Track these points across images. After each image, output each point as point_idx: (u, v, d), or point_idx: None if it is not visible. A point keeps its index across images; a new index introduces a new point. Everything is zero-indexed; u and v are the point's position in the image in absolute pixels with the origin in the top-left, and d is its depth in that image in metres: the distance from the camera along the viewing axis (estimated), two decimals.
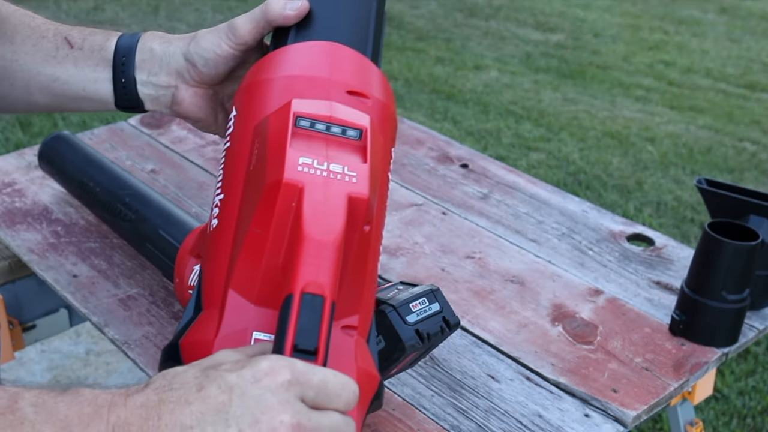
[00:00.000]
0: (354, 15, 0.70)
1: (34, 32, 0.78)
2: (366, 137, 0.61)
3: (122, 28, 4.47)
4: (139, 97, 0.76)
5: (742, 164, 3.46)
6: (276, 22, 0.69)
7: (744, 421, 2.06)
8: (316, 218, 0.56)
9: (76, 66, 0.76)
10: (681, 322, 1.05)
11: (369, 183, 0.59)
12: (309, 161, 0.58)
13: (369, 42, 0.70)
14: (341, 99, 0.63)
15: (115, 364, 2.09)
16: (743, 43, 5.06)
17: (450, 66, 4.38)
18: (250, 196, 0.61)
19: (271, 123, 0.61)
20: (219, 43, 0.72)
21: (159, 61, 0.74)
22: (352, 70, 0.66)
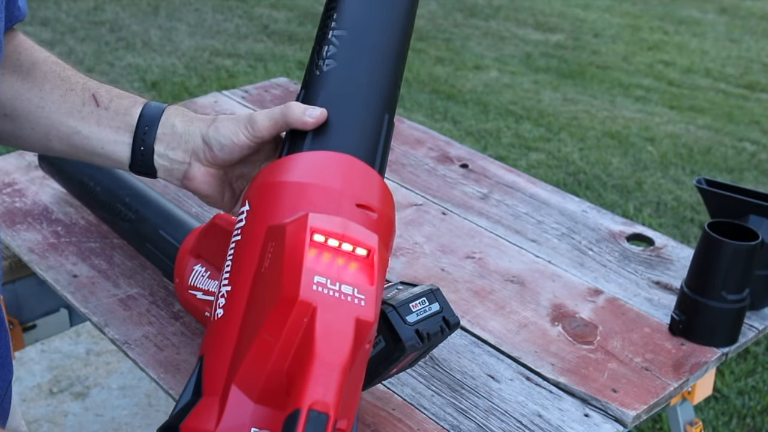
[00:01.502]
0: (368, 128, 0.74)
1: (64, 83, 0.80)
2: (373, 257, 0.66)
3: (122, 29, 4.48)
4: (154, 166, 0.79)
5: (741, 164, 3.46)
6: (295, 125, 0.72)
7: (744, 420, 2.06)
8: (327, 339, 0.60)
9: (99, 125, 0.79)
10: (681, 322, 1.05)
11: (375, 307, 0.63)
12: (323, 281, 0.62)
13: (378, 155, 0.74)
14: (351, 211, 0.68)
15: (115, 363, 2.09)
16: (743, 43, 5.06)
17: (450, 66, 4.38)
18: (261, 299, 0.65)
19: (288, 233, 0.65)
20: (237, 133, 0.75)
21: (179, 138, 0.77)
22: (362, 184, 0.70)
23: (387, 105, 0.76)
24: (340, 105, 0.74)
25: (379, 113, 0.75)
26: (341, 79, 0.75)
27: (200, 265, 0.95)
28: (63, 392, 2.00)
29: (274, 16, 4.89)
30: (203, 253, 0.95)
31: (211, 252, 0.93)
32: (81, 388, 2.02)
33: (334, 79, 0.75)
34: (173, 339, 1.01)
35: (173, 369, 0.96)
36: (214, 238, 0.91)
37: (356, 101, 0.75)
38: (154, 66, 3.91)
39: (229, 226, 0.88)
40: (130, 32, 4.40)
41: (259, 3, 5.10)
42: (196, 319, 0.98)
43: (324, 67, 0.75)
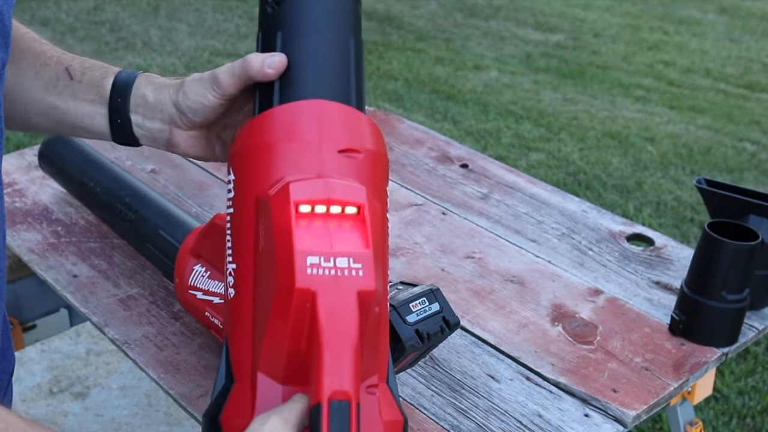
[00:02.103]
0: (333, 63, 0.70)
1: (39, 58, 0.79)
2: (363, 213, 0.63)
3: (122, 29, 4.48)
4: (135, 136, 0.78)
5: (741, 164, 3.46)
6: (256, 78, 0.71)
7: (744, 421, 2.06)
8: (332, 324, 0.59)
9: (74, 99, 0.78)
10: (681, 322, 1.05)
11: (374, 273, 0.61)
12: (316, 260, 0.60)
13: (352, 90, 0.71)
14: (333, 162, 0.65)
15: (115, 363, 2.09)
16: (743, 43, 5.06)
17: (450, 66, 4.38)
18: (263, 280, 0.64)
19: (272, 208, 0.63)
20: (205, 95, 0.74)
21: (152, 108, 0.76)
22: (340, 127, 0.68)
23: (350, 28, 0.72)
24: (300, 43, 0.70)
25: (342, 42, 0.71)
26: (295, 14, 0.70)
27: (200, 265, 0.95)
28: (63, 392, 2.00)
29: None
30: (203, 253, 0.95)
31: (211, 252, 0.93)
32: (81, 388, 2.02)
33: (288, 16, 0.71)
34: (173, 339, 1.01)
35: (173, 369, 0.96)
36: (214, 238, 0.91)
37: (315, 35, 0.70)
38: (154, 66, 3.90)
39: None
40: (130, 32, 4.40)
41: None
42: (196, 319, 0.98)
43: (275, 4, 0.71)
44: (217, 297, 0.91)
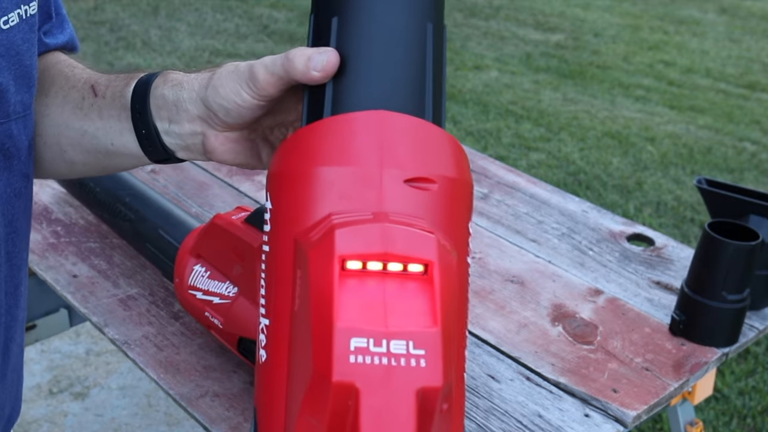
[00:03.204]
0: (404, 61, 0.54)
1: (68, 82, 0.70)
2: (433, 272, 0.48)
3: (122, 29, 4.48)
4: (167, 148, 0.66)
5: (742, 164, 3.46)
6: (301, 81, 0.57)
7: (744, 421, 2.06)
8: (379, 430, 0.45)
9: (101, 118, 0.67)
10: (681, 322, 1.05)
11: (442, 362, 0.46)
12: (363, 344, 0.46)
13: (428, 97, 0.55)
14: (398, 195, 0.51)
15: (115, 364, 2.09)
16: (743, 43, 5.06)
17: (450, 66, 4.38)
18: (300, 346, 0.50)
19: (311, 261, 0.49)
20: (239, 93, 0.60)
21: (174, 108, 0.64)
22: (408, 147, 0.52)
23: (428, 10, 0.55)
24: (360, 34, 0.54)
25: (417, 30, 0.54)
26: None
27: (200, 265, 0.94)
28: (63, 392, 2.00)
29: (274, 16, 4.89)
30: (203, 253, 0.95)
31: (211, 252, 0.93)
32: (81, 388, 2.02)
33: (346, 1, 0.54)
34: (173, 339, 1.01)
35: (173, 369, 0.96)
36: (214, 238, 0.91)
37: (381, 22, 0.54)
38: (154, 66, 3.90)
39: (229, 226, 0.87)
40: (130, 32, 4.39)
41: (259, 3, 5.10)
42: (196, 319, 0.98)
43: None
44: (217, 297, 0.91)
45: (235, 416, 0.90)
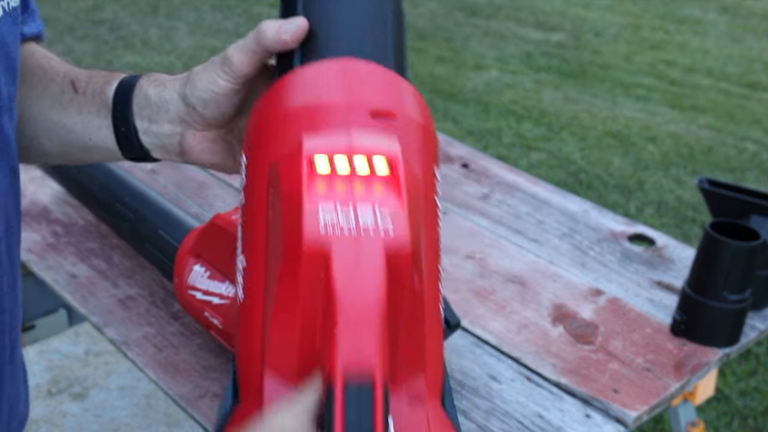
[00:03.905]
0: (366, 19, 0.58)
1: (46, 75, 0.71)
2: (397, 167, 0.50)
3: (122, 29, 4.48)
4: (144, 147, 0.68)
5: (743, 164, 3.46)
6: (273, 48, 0.59)
7: (745, 421, 2.06)
8: (350, 288, 0.46)
9: (80, 113, 0.69)
10: (682, 323, 1.05)
11: (409, 231, 0.48)
12: (332, 217, 0.47)
13: (389, 48, 0.57)
14: (363, 124, 0.52)
15: (115, 364, 2.08)
16: (745, 42, 5.06)
17: (450, 65, 4.38)
18: (273, 266, 0.51)
19: (282, 170, 0.50)
20: (216, 80, 0.62)
21: (156, 108, 0.65)
22: (373, 86, 0.54)
23: None
24: (324, 4, 0.58)
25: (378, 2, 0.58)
26: None
27: (200, 265, 0.94)
28: (62, 393, 2.00)
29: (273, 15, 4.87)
30: (203, 253, 0.94)
31: (211, 252, 0.93)
32: (80, 388, 2.01)
33: None
34: (172, 339, 1.01)
35: (172, 369, 0.96)
36: (214, 238, 0.91)
37: None
38: (153, 65, 3.90)
39: (229, 226, 0.87)
40: (130, 31, 4.39)
41: (259, 2, 5.10)
42: (196, 319, 0.97)
43: None
44: (216, 297, 0.91)
45: None
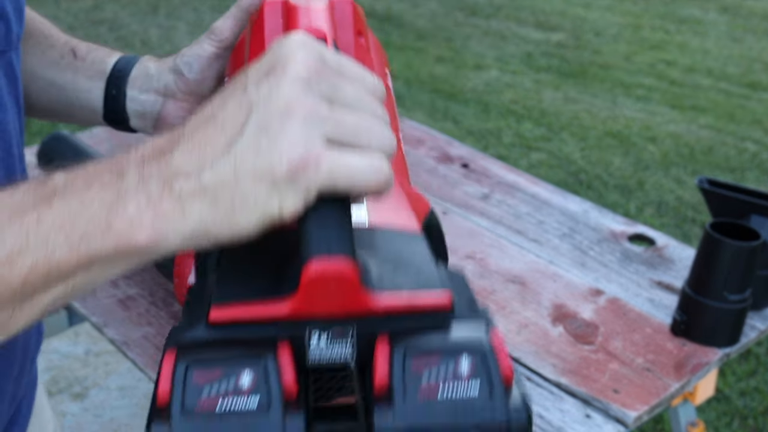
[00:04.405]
0: None
1: (47, 40, 0.79)
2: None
3: (122, 28, 4.48)
4: (126, 111, 0.76)
5: (743, 164, 3.46)
6: (251, 8, 0.68)
7: (745, 421, 2.06)
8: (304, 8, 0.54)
9: (75, 75, 0.78)
10: (682, 323, 1.05)
11: None
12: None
13: None
14: None
15: (114, 364, 2.08)
16: (745, 42, 5.06)
17: (450, 65, 4.38)
18: None
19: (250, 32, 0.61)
20: (201, 46, 0.72)
21: (150, 78, 0.75)
22: None
23: None
24: None
25: None
26: None
27: None
28: (62, 393, 2.00)
29: None
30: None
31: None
32: (80, 388, 2.01)
33: None
34: None
35: None
36: None
37: None
38: None
39: None
40: (130, 31, 4.39)
41: None
42: None
43: None
44: None
45: None
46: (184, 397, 0.40)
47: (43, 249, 0.42)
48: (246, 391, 0.40)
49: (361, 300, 0.43)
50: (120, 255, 0.43)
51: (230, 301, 0.44)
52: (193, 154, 0.42)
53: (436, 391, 0.41)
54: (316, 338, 0.43)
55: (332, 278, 0.42)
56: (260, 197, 0.41)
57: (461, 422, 0.41)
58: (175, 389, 0.40)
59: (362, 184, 0.42)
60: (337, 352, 0.44)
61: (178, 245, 0.43)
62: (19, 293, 0.42)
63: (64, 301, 0.45)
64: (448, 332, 0.43)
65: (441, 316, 0.44)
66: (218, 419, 0.40)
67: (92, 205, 0.42)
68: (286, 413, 0.41)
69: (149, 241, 0.42)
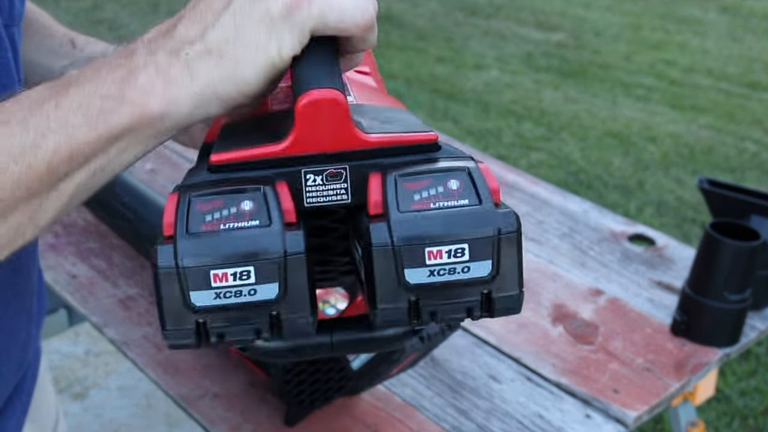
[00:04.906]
0: None
1: (46, 30, 0.81)
2: None
3: (122, 28, 4.47)
4: None
5: (743, 164, 3.46)
6: None
7: (746, 421, 2.06)
8: None
9: (73, 65, 0.78)
10: (682, 323, 1.05)
11: None
12: None
13: None
14: None
15: (115, 364, 2.08)
16: (745, 42, 5.05)
17: (450, 65, 4.37)
18: None
19: None
20: None
21: None
22: None
23: None
24: None
25: None
26: None
27: None
28: (62, 393, 2.00)
29: None
30: None
31: None
32: (80, 388, 2.01)
33: None
34: None
35: (172, 369, 0.96)
36: None
37: None
38: None
39: None
40: (129, 31, 4.39)
41: None
42: None
43: None
44: None
45: (235, 417, 0.89)
46: (188, 223, 0.42)
47: (64, 130, 0.44)
48: (246, 215, 0.42)
49: (352, 135, 0.45)
50: (135, 127, 0.45)
51: (229, 149, 0.46)
52: (195, 23, 0.46)
53: (428, 205, 0.43)
54: (312, 178, 0.45)
55: (325, 106, 0.44)
56: (261, 41, 0.44)
57: (453, 231, 0.42)
58: (179, 217, 0.42)
59: (350, 20, 0.45)
60: (333, 191, 0.46)
61: (189, 111, 0.45)
62: (45, 179, 0.45)
63: (85, 190, 0.49)
64: (437, 162, 0.45)
65: (429, 150, 0.46)
66: (220, 235, 0.42)
67: (105, 84, 0.45)
68: (285, 230, 0.42)
69: (161, 107, 0.45)
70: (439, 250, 0.42)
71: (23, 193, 0.45)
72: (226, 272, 0.41)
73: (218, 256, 0.41)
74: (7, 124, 0.44)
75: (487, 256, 0.43)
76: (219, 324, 0.42)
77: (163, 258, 0.42)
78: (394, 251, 0.42)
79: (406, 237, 0.42)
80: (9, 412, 0.70)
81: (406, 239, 0.42)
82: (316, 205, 0.46)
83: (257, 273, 0.42)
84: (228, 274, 0.42)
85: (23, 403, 0.73)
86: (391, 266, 0.42)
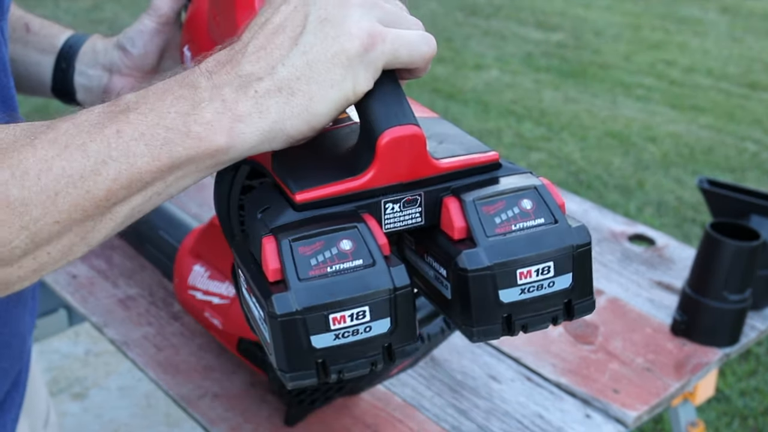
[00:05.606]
0: None
1: None
2: None
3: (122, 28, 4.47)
4: (74, 85, 0.79)
5: (743, 164, 3.46)
6: None
7: (745, 421, 2.06)
8: None
9: (26, 48, 0.81)
10: (682, 323, 1.05)
11: None
12: None
13: None
14: None
15: (115, 364, 2.08)
16: (745, 42, 5.06)
17: (450, 65, 4.37)
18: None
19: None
20: (143, 22, 0.76)
21: (97, 54, 0.79)
22: None
23: None
24: None
25: None
26: None
27: (199, 265, 0.94)
28: (62, 393, 2.00)
29: None
30: (203, 253, 0.94)
31: (211, 252, 0.92)
32: (80, 388, 2.01)
33: None
34: (172, 339, 1.01)
35: (172, 369, 0.96)
36: (214, 238, 0.90)
37: None
38: None
39: None
40: None
41: None
42: (196, 319, 0.97)
43: None
44: (216, 297, 0.91)
45: (235, 417, 0.89)
46: (297, 267, 0.44)
47: (125, 158, 0.44)
48: (348, 254, 0.44)
49: (428, 164, 0.48)
50: (198, 158, 0.46)
51: (309, 186, 0.48)
52: (261, 59, 0.46)
53: (510, 227, 0.47)
54: (391, 207, 0.48)
55: (406, 142, 0.46)
56: (336, 79, 0.45)
57: (540, 252, 0.46)
58: (286, 262, 0.44)
59: (418, 53, 0.47)
60: (409, 215, 0.49)
61: (253, 145, 0.46)
62: (102, 204, 0.45)
63: (138, 213, 0.48)
64: (505, 181, 0.49)
65: (492, 171, 0.50)
66: (331, 279, 0.44)
67: (170, 115, 0.45)
68: (389, 266, 0.45)
69: (227, 142, 0.45)
70: (528, 270, 0.46)
71: (79, 216, 0.45)
72: (344, 314, 0.44)
73: (334, 301, 0.43)
74: (66, 149, 0.44)
75: (568, 269, 0.48)
76: (338, 361, 0.44)
77: (281, 306, 0.43)
78: (489, 276, 0.45)
79: (499, 261, 0.46)
80: (8, 405, 0.70)
81: (499, 263, 0.46)
82: (393, 230, 0.49)
83: (371, 311, 0.44)
84: (345, 315, 0.44)
85: (20, 395, 0.73)
86: (487, 289, 0.46)
